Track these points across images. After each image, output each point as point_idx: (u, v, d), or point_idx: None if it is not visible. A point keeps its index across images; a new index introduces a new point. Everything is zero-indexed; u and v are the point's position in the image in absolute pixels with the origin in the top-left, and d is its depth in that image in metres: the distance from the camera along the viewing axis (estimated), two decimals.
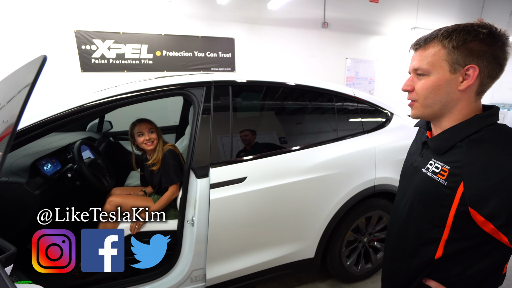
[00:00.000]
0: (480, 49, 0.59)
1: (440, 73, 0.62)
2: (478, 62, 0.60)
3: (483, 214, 0.57)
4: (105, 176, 1.85)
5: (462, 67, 0.61)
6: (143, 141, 1.68)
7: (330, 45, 5.33)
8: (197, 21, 4.26)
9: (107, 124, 2.89)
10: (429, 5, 6.00)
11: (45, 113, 1.24)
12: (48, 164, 1.60)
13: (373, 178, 1.71)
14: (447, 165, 0.64)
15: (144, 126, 1.69)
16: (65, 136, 2.14)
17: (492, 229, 0.57)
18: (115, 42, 3.86)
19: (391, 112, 1.92)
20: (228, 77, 1.54)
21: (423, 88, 0.65)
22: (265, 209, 1.47)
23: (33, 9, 3.40)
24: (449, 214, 0.63)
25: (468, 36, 0.59)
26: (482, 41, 0.59)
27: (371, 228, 1.86)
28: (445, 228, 0.65)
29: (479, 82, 0.62)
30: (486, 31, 0.59)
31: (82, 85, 3.75)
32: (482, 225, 0.59)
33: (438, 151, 0.67)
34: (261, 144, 1.61)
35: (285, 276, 1.68)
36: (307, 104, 1.79)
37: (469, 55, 0.60)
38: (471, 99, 0.64)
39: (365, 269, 1.92)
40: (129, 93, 1.37)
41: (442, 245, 0.66)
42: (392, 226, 0.84)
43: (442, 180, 0.63)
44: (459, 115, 0.65)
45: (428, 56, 0.63)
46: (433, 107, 0.66)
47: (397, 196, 0.85)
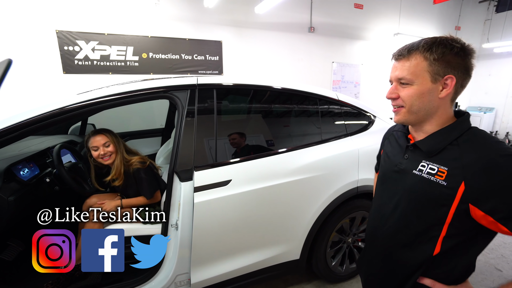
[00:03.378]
0: (456, 62, 0.66)
1: (423, 83, 0.68)
2: (455, 73, 0.67)
3: (483, 210, 0.62)
4: (86, 181, 1.80)
5: (442, 77, 0.67)
6: (98, 155, 1.57)
7: (317, 49, 5.43)
8: (184, 24, 4.24)
9: (90, 127, 2.82)
10: (410, 12, 6.25)
11: (21, 116, 1.19)
12: (24, 168, 1.54)
13: (356, 180, 1.75)
14: (444, 166, 0.68)
15: (98, 139, 1.56)
16: (45, 140, 2.06)
17: (490, 221, 0.63)
18: (100, 43, 3.78)
19: (374, 115, 1.98)
20: (213, 80, 1.55)
21: (409, 96, 0.70)
22: (250, 211, 1.47)
23: (13, 7, 3.28)
24: (449, 212, 0.67)
25: (446, 50, 0.66)
26: (456, 55, 0.66)
27: (355, 229, 1.90)
28: (443, 226, 0.69)
29: (454, 91, 0.69)
30: (459, 45, 0.66)
31: (64, 87, 3.63)
32: (480, 219, 0.64)
33: (430, 153, 0.72)
34: (245, 147, 1.62)
35: (271, 278, 1.68)
36: (292, 107, 1.82)
37: (447, 67, 0.67)
38: (448, 105, 0.71)
39: (350, 269, 1.96)
40: (112, 95, 1.34)
41: (440, 241, 0.70)
42: (376, 230, 0.84)
43: (441, 180, 0.67)
44: (440, 120, 0.72)
45: (411, 67, 0.69)
46: (418, 114, 0.72)
47: (379, 200, 0.86)
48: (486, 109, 7.23)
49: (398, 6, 6.00)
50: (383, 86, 6.34)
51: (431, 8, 6.43)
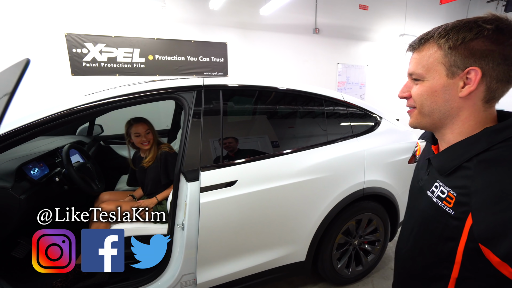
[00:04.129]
0: (485, 49, 0.49)
1: (435, 78, 0.54)
2: (482, 63, 0.50)
3: (498, 254, 0.46)
4: (94, 180, 1.83)
5: (462, 70, 0.51)
6: (140, 141, 1.76)
7: (322, 51, 5.42)
8: (190, 26, 4.28)
9: (97, 128, 2.86)
10: (416, 13, 6.20)
11: (32, 116, 1.22)
12: (35, 168, 1.57)
13: (363, 181, 1.73)
14: (453, 191, 0.53)
15: (141, 127, 1.76)
16: (54, 140, 2.10)
17: (511, 272, 0.45)
18: (107, 45, 3.83)
19: (380, 116, 1.96)
20: (219, 81, 1.56)
21: (418, 94, 0.57)
22: (255, 212, 1.47)
23: (24, 11, 3.36)
24: (457, 249, 0.53)
25: (469, 34, 0.50)
26: (487, 39, 0.49)
27: (361, 231, 1.88)
28: (454, 265, 0.55)
29: (485, 87, 0.51)
30: (493, 26, 0.49)
31: (72, 88, 3.69)
32: (499, 267, 0.47)
33: (442, 172, 0.57)
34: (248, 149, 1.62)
35: (277, 280, 1.68)
36: (297, 108, 1.82)
37: (469, 56, 0.50)
38: (478, 107, 0.53)
39: (356, 272, 1.94)
40: (119, 96, 1.36)
41: (453, 283, 0.56)
42: (400, 250, 0.74)
43: (449, 208, 0.53)
44: (464, 127, 0.55)
45: (423, 59, 0.55)
46: (432, 116, 0.57)
47: (405, 215, 0.76)
48: None
49: (403, 7, 5.96)
50: (389, 88, 6.29)
51: (437, 8, 6.36)
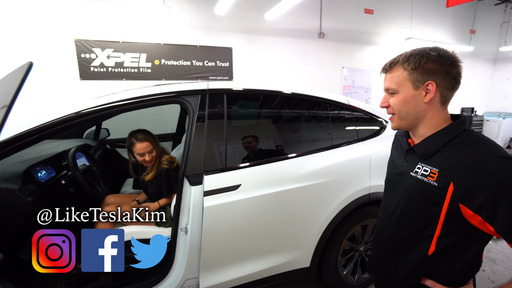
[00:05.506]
0: (434, 68, 0.72)
1: (406, 90, 0.75)
2: (435, 78, 0.72)
3: (471, 208, 0.66)
4: (99, 183, 1.84)
5: (423, 84, 0.73)
6: (142, 160, 1.71)
7: (327, 55, 5.41)
8: (195, 31, 4.34)
9: (104, 132, 2.89)
10: (422, 16, 6.15)
11: (39, 120, 1.24)
12: (42, 170, 1.59)
13: (368, 186, 1.71)
14: (435, 168, 0.73)
15: (144, 147, 1.67)
16: (61, 143, 2.13)
17: (479, 221, 0.66)
18: (115, 50, 3.91)
19: (386, 120, 1.94)
20: (223, 85, 1.56)
21: (396, 103, 0.78)
22: (259, 217, 1.46)
23: (35, 17, 3.45)
24: (441, 211, 0.72)
25: (423, 59, 0.72)
26: (434, 61, 0.72)
27: (367, 237, 1.85)
28: (437, 225, 0.73)
29: (440, 94, 0.74)
30: (436, 53, 0.72)
31: (81, 92, 3.76)
32: (470, 219, 0.68)
33: (424, 156, 0.77)
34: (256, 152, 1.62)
35: (280, 286, 1.65)
36: (302, 112, 1.81)
37: (426, 74, 0.73)
38: (438, 108, 0.76)
39: (362, 279, 1.90)
40: (125, 100, 1.38)
41: (435, 240, 0.75)
42: (382, 229, 0.90)
43: (433, 181, 0.73)
44: (432, 122, 0.77)
45: (394, 78, 0.77)
46: (408, 119, 0.78)
47: (384, 201, 0.93)
48: (505, 115, 6.96)
49: (409, 11, 5.92)
50: None
51: (444, 11, 6.30)
